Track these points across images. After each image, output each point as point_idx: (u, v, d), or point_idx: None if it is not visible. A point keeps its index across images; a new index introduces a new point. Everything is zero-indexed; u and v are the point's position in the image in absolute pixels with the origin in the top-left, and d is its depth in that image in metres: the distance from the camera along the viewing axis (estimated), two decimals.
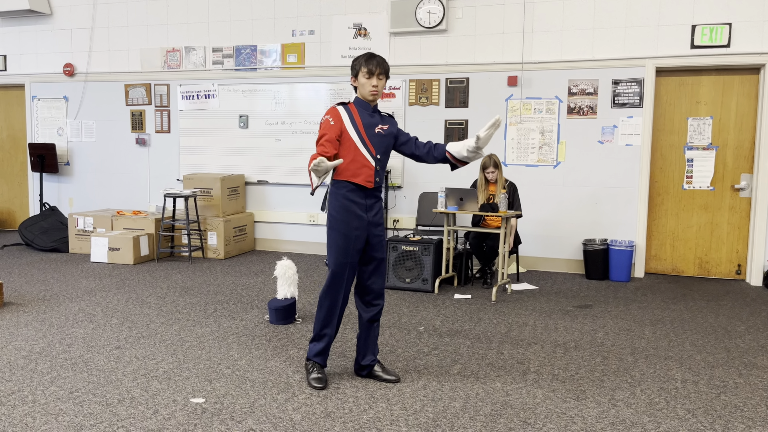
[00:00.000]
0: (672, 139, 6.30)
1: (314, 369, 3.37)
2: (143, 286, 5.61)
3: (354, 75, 3.29)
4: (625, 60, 6.20)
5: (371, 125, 3.28)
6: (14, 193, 8.97)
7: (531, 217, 6.60)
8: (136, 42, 7.87)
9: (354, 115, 3.26)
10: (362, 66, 3.23)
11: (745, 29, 5.87)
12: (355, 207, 3.24)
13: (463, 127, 6.73)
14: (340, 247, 3.24)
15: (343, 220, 3.23)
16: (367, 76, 3.23)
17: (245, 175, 7.56)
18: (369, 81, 3.24)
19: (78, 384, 3.32)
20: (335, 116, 3.23)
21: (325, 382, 3.32)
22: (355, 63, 3.27)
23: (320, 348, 3.36)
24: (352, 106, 3.30)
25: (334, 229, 3.25)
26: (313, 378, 3.33)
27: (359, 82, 3.27)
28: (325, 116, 3.25)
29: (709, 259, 6.30)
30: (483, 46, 6.60)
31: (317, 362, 3.38)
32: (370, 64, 3.22)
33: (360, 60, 3.26)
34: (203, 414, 2.98)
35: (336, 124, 3.21)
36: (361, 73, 3.24)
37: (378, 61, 3.24)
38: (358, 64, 3.26)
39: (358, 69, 3.25)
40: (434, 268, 5.58)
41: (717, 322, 4.69)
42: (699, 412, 3.09)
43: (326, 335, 3.35)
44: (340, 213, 3.24)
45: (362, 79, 3.25)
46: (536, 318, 4.75)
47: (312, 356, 3.39)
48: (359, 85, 3.28)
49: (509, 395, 3.25)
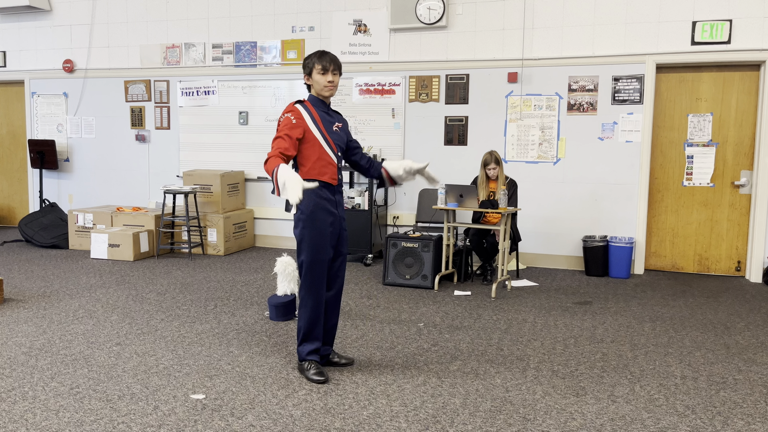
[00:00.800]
0: (672, 136, 6.30)
1: (311, 366, 3.37)
2: (143, 283, 5.61)
3: (307, 73, 3.30)
4: (625, 56, 6.19)
5: (329, 123, 3.34)
6: (14, 190, 8.96)
7: (531, 213, 6.60)
8: (135, 38, 7.86)
9: (313, 114, 3.27)
10: (316, 63, 3.25)
11: (746, 25, 5.86)
12: (326, 203, 3.30)
13: (463, 124, 6.73)
14: (317, 245, 3.27)
15: (318, 218, 3.26)
16: (322, 72, 3.25)
17: (245, 172, 7.55)
18: (324, 77, 3.26)
19: (78, 380, 3.32)
20: (297, 116, 3.22)
21: (326, 375, 3.34)
22: (308, 61, 3.29)
23: (313, 347, 3.37)
24: (309, 105, 3.30)
25: (308, 227, 3.26)
26: (313, 374, 3.34)
27: (314, 79, 3.28)
28: (285, 114, 3.22)
29: (709, 256, 6.30)
30: (483, 42, 6.59)
31: (313, 360, 3.38)
32: (323, 60, 3.25)
33: (313, 58, 3.27)
34: (203, 410, 2.99)
35: (298, 123, 3.21)
36: (315, 70, 3.26)
37: (331, 57, 3.29)
38: (311, 62, 3.27)
39: (311, 66, 3.26)
40: (434, 265, 5.58)
41: (716, 319, 4.70)
42: (698, 408, 3.10)
43: (316, 334, 3.37)
44: (314, 212, 3.26)
45: (317, 75, 3.26)
46: (536, 314, 4.75)
47: (306, 356, 3.39)
48: (314, 83, 3.29)
49: (509, 391, 3.26)
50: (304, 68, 3.30)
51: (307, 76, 3.31)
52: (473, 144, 6.71)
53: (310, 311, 3.33)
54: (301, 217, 3.27)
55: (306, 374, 3.37)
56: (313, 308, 3.33)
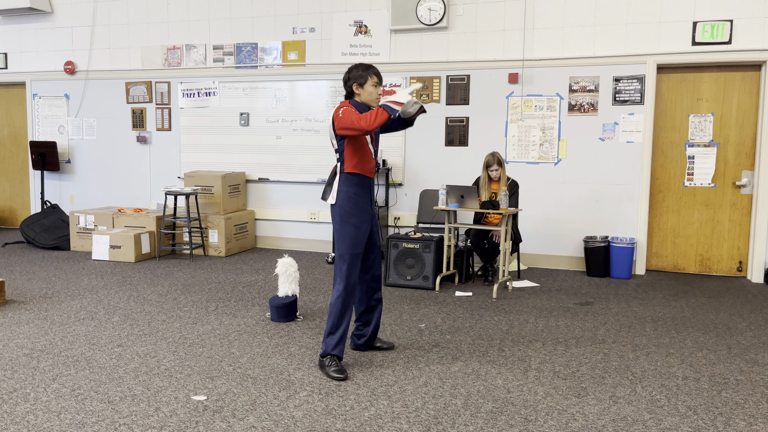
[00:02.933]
0: (673, 136, 6.30)
1: (333, 363, 3.45)
2: (144, 284, 5.62)
3: (359, 84, 3.48)
4: (626, 57, 6.19)
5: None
6: (15, 191, 8.97)
7: (532, 214, 6.60)
8: (136, 40, 7.87)
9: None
10: (371, 75, 3.48)
11: (747, 26, 5.85)
12: (363, 200, 3.50)
13: (464, 124, 6.73)
14: (354, 238, 3.45)
15: (355, 213, 3.47)
16: (376, 84, 3.50)
17: (246, 173, 7.56)
18: (376, 90, 3.50)
19: (80, 381, 3.33)
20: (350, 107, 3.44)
21: (346, 373, 3.41)
22: (360, 72, 3.47)
23: (337, 338, 3.47)
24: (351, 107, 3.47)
25: (346, 222, 3.45)
26: (333, 370, 3.41)
27: (366, 90, 3.49)
28: (345, 107, 3.41)
29: (711, 256, 6.30)
30: (484, 43, 6.60)
31: (336, 355, 3.47)
32: (378, 74, 3.51)
33: (362, 70, 3.48)
34: (205, 411, 2.99)
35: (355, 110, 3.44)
36: (370, 82, 3.48)
37: (378, 71, 3.53)
38: (364, 74, 3.47)
39: (365, 78, 3.47)
40: (435, 266, 5.58)
41: (718, 319, 4.69)
42: (700, 409, 3.09)
43: (344, 325, 3.49)
44: (352, 207, 3.47)
45: (370, 87, 3.49)
46: (537, 315, 4.75)
47: (331, 350, 3.47)
48: (365, 93, 3.49)
49: (510, 392, 3.26)
50: (356, 78, 3.48)
51: (357, 85, 3.48)
52: (474, 145, 6.72)
53: (342, 303, 3.46)
54: (339, 212, 3.47)
55: (326, 370, 3.43)
56: (345, 300, 3.47)
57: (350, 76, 3.49)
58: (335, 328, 3.48)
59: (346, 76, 3.52)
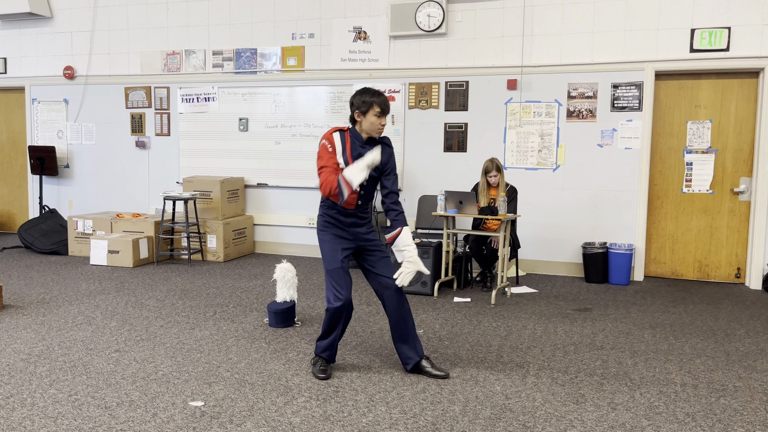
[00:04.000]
0: (671, 143, 6.31)
1: (319, 363, 3.55)
2: (142, 289, 5.61)
3: (362, 112, 3.29)
4: (624, 63, 6.21)
5: (360, 156, 3.35)
6: (14, 196, 8.97)
7: (530, 220, 6.61)
8: (136, 45, 7.88)
9: (347, 148, 3.35)
10: (375, 105, 3.26)
11: (745, 33, 5.88)
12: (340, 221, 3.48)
13: (462, 130, 6.74)
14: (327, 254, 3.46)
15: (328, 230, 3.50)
16: (379, 115, 3.29)
17: (245, 178, 7.56)
18: (379, 120, 3.31)
19: (77, 387, 3.32)
20: (332, 144, 3.36)
21: (328, 374, 3.49)
22: (363, 99, 3.28)
23: (326, 344, 3.53)
24: (347, 135, 3.39)
25: (320, 238, 3.52)
26: (317, 369, 3.51)
27: (367, 119, 3.30)
28: (323, 141, 3.38)
29: (709, 263, 6.30)
30: (483, 49, 6.61)
31: (323, 357, 3.56)
32: (383, 104, 3.28)
33: (367, 96, 3.28)
34: (202, 417, 2.98)
35: (332, 151, 3.35)
36: (372, 111, 3.28)
37: (385, 100, 3.33)
38: (368, 102, 3.27)
39: (369, 106, 3.27)
40: (434, 272, 5.57)
41: (716, 326, 4.69)
42: (699, 415, 3.09)
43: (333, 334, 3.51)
44: (324, 224, 3.52)
45: (373, 117, 3.29)
46: (536, 321, 4.74)
47: (320, 353, 3.57)
48: (366, 122, 3.31)
49: (509, 398, 3.25)
50: (359, 106, 3.29)
51: (359, 113, 3.30)
52: (473, 151, 6.72)
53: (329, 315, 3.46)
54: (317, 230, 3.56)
55: (312, 367, 3.56)
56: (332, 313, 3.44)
57: (354, 102, 3.32)
58: (325, 335, 3.54)
59: (351, 100, 3.35)
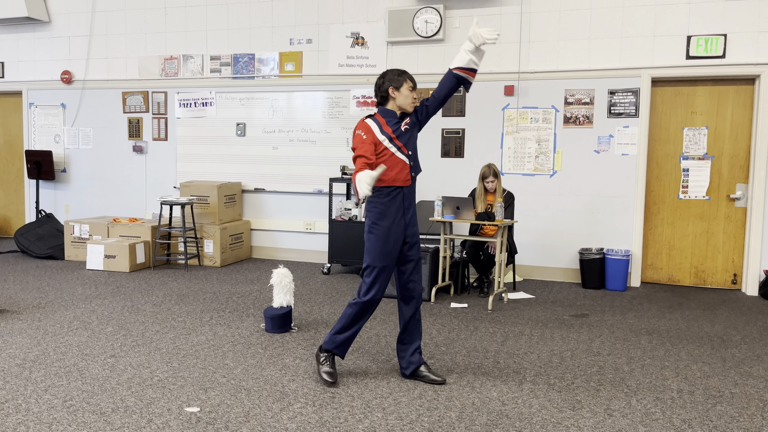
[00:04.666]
0: (668, 149, 6.33)
1: (327, 362, 3.47)
2: (139, 294, 5.60)
3: (396, 87, 3.45)
4: (621, 70, 6.23)
5: (398, 127, 3.47)
6: (10, 200, 8.95)
7: (527, 226, 6.61)
8: (134, 50, 7.89)
9: (383, 125, 3.45)
10: (407, 80, 3.47)
11: (740, 40, 5.90)
12: (392, 210, 3.44)
13: (459, 136, 6.75)
14: (379, 249, 3.41)
15: (383, 225, 3.43)
16: (412, 89, 3.48)
17: (242, 183, 7.56)
18: (412, 93, 3.48)
19: (72, 392, 3.30)
20: (366, 130, 3.41)
21: (336, 378, 3.43)
22: (397, 76, 3.46)
23: (343, 339, 3.46)
24: (378, 117, 3.48)
25: (373, 233, 3.42)
26: (324, 371, 3.43)
27: (402, 93, 3.46)
28: (356, 131, 3.41)
29: (705, 269, 6.31)
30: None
31: (335, 353, 3.47)
32: (413, 79, 3.51)
33: (400, 75, 3.46)
34: (198, 423, 2.97)
35: (368, 137, 3.39)
36: (406, 85, 3.46)
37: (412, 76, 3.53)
38: (401, 78, 3.46)
39: (402, 82, 3.45)
40: (431, 277, 5.57)
41: (713, 332, 4.70)
42: (695, 422, 3.09)
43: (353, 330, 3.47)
44: (380, 219, 3.43)
45: (406, 91, 3.46)
46: (532, 327, 4.74)
47: (333, 347, 3.47)
48: (401, 96, 3.46)
49: (505, 405, 3.25)
50: (392, 81, 3.45)
51: (393, 89, 3.45)
52: (470, 156, 6.73)
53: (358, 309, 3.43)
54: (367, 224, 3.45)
55: (319, 367, 3.47)
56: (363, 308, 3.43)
57: (385, 80, 3.47)
58: (345, 329, 3.47)
59: (381, 80, 3.48)
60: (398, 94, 3.46)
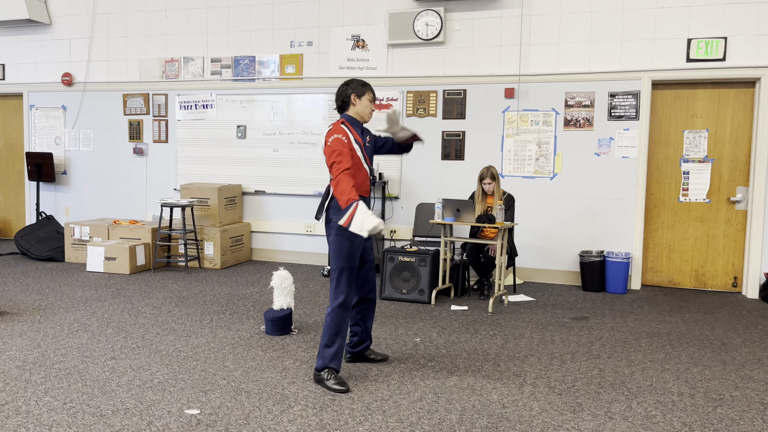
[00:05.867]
0: (668, 152, 6.33)
1: (330, 376, 3.46)
2: (139, 296, 5.59)
3: (357, 95, 3.58)
4: (621, 73, 6.24)
5: (365, 138, 3.64)
6: (11, 202, 8.95)
7: (528, 228, 6.61)
8: (134, 52, 7.89)
9: (353, 133, 3.54)
10: (369, 91, 3.61)
11: (741, 43, 5.91)
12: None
13: (460, 139, 6.75)
14: (348, 251, 3.48)
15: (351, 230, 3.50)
16: (372, 100, 3.62)
17: (242, 185, 7.56)
18: (371, 105, 3.62)
19: (72, 395, 3.30)
20: (345, 135, 3.48)
21: (347, 384, 3.43)
22: (360, 86, 3.59)
23: (334, 351, 3.47)
24: (347, 125, 3.56)
25: (340, 235, 3.48)
26: (333, 384, 3.42)
27: (362, 102, 3.59)
28: (336, 135, 3.45)
29: (706, 272, 6.31)
30: (480, 58, 6.64)
31: (333, 368, 3.47)
32: (374, 93, 3.66)
33: (363, 85, 3.60)
34: (198, 425, 2.96)
35: (348, 143, 3.47)
36: (367, 96, 3.60)
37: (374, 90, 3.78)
38: (363, 89, 3.59)
39: (364, 92, 3.59)
40: (431, 279, 5.57)
41: (713, 335, 4.69)
42: (695, 425, 3.08)
43: (340, 338, 3.49)
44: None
45: (366, 101, 3.60)
46: (533, 330, 4.74)
47: (328, 363, 3.47)
48: (360, 105, 3.59)
49: (506, 408, 3.24)
50: (355, 89, 3.58)
51: (355, 96, 3.58)
52: (470, 159, 6.74)
53: (342, 314, 3.48)
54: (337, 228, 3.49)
55: (326, 384, 3.44)
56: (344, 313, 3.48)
57: (349, 87, 3.59)
58: (332, 341, 3.48)
59: (344, 86, 3.60)
60: (359, 102, 3.58)
